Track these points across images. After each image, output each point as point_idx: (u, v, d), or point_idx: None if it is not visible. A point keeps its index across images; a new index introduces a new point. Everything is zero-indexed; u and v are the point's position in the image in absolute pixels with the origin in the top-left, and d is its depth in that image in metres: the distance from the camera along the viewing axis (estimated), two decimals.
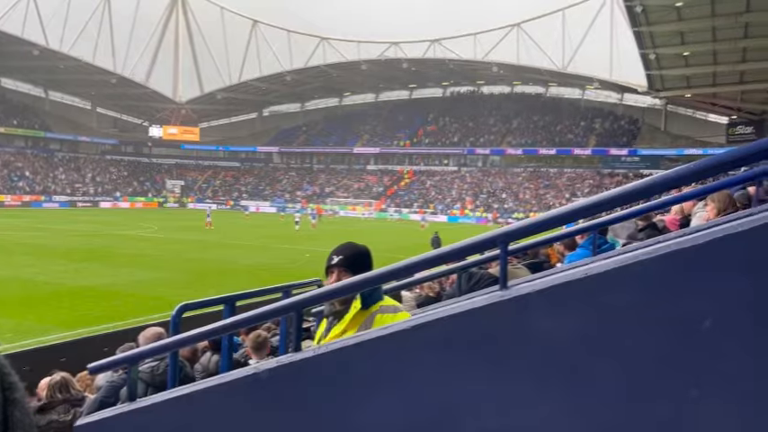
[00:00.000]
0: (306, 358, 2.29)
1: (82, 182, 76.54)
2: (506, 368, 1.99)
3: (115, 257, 26.88)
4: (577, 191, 66.59)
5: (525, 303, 1.99)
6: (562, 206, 16.95)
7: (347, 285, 2.41)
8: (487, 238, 2.24)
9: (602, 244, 4.82)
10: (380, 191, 75.92)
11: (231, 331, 2.71)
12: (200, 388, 2.59)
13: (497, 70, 71.41)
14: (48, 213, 56.77)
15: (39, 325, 14.96)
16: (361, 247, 2.83)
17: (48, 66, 72.29)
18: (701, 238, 1.78)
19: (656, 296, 1.82)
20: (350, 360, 2.22)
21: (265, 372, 2.36)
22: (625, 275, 1.87)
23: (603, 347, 1.87)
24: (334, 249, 2.79)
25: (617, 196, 2.14)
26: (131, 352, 3.22)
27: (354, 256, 2.76)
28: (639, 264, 1.86)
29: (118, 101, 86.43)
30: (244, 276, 22.15)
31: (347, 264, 2.71)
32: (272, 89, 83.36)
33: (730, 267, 1.73)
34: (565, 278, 1.96)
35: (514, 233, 2.24)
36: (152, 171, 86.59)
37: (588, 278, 1.90)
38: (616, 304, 1.88)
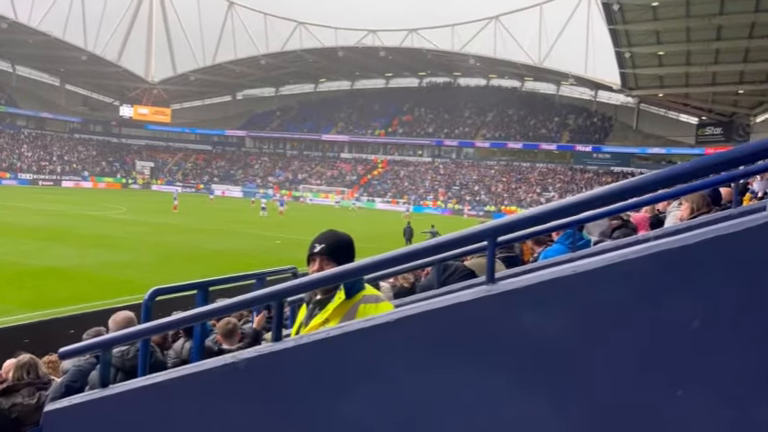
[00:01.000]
0: (286, 348, 2.25)
1: (48, 160, 74.93)
2: (492, 363, 1.97)
3: (81, 238, 26.40)
4: (549, 186, 67.25)
5: (512, 299, 1.97)
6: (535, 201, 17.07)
7: (336, 274, 2.37)
8: (475, 232, 2.21)
9: (578, 240, 4.85)
10: (354, 179, 75.76)
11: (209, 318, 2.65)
12: (177, 375, 2.53)
13: (474, 62, 71.55)
14: (8, 191, 55.48)
15: (1, 305, 14.64)
16: (344, 236, 2.79)
17: (16, 39, 70.39)
18: (691, 239, 1.77)
19: (644, 295, 1.82)
20: (332, 351, 2.19)
21: (244, 361, 2.32)
22: (613, 274, 1.87)
23: (590, 345, 1.86)
24: (317, 237, 2.75)
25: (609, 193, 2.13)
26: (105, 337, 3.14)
27: (336, 244, 2.72)
28: (628, 263, 1.86)
29: (88, 78, 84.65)
30: (213, 261, 21.94)
31: (329, 252, 2.67)
32: (246, 72, 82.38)
33: (720, 268, 1.73)
34: (553, 275, 1.95)
35: (503, 228, 2.22)
36: (121, 151, 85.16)
37: (576, 275, 1.89)
38: (604, 302, 1.87)
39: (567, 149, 69.98)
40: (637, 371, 1.79)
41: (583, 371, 1.84)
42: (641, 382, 1.78)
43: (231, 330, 5.42)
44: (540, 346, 1.90)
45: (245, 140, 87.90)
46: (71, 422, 2.85)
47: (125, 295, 14.37)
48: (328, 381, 2.17)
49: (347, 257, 2.66)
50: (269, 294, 2.46)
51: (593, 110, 74.47)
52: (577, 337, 1.87)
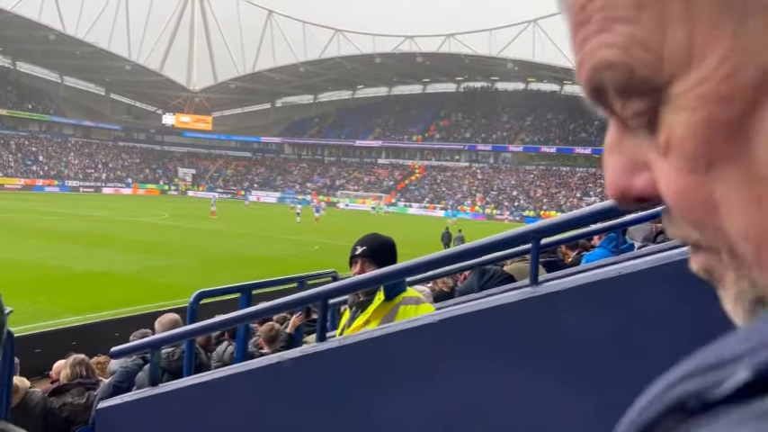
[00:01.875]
0: (330, 348, 2.28)
1: (94, 167, 76.91)
2: (535, 363, 1.97)
3: (125, 243, 26.99)
4: (590, 190, 66.30)
5: (556, 300, 1.97)
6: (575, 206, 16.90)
7: (376, 276, 2.40)
8: (519, 234, 2.22)
9: (622, 244, 4.79)
10: (391, 185, 75.88)
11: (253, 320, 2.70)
12: (224, 375, 2.59)
13: (512, 66, 71.10)
14: (53, 198, 57.10)
15: (50, 308, 15.06)
16: (386, 239, 2.83)
17: (63, 51, 72.64)
18: None
19: (689, 297, 1.80)
20: (375, 351, 2.21)
21: (289, 361, 2.36)
22: (658, 275, 1.85)
23: (635, 346, 1.85)
24: (359, 240, 2.78)
25: None
26: (154, 337, 3.23)
27: (378, 247, 2.76)
28: (672, 264, 1.84)
29: (132, 88, 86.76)
30: (254, 266, 22.19)
31: (371, 254, 2.70)
32: (285, 80, 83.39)
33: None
34: (597, 276, 1.94)
35: (545, 229, 2.22)
36: (164, 159, 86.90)
37: (622, 277, 1.88)
38: (648, 304, 1.86)
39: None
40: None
41: (626, 371, 1.83)
42: None
43: (274, 336, 5.49)
44: (583, 346, 1.90)
45: (284, 147, 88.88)
46: (122, 419, 2.93)
47: (169, 299, 14.64)
48: (372, 380, 2.19)
49: (389, 260, 2.69)
50: (314, 295, 2.50)
51: None
52: (621, 338, 1.86)
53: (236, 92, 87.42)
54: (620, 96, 0.28)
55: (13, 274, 18.72)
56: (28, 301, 15.59)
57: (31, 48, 72.17)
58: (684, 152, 0.26)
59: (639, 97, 0.28)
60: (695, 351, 1.80)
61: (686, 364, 0.25)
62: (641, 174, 0.29)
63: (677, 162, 0.27)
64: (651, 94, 0.27)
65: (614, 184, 0.29)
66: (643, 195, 0.29)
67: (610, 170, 0.30)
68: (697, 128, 0.26)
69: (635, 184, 0.29)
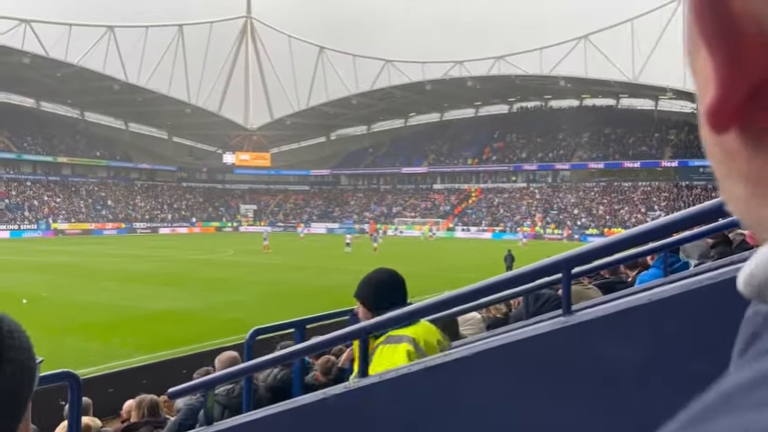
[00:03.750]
0: (372, 384, 2.35)
1: (160, 208, 79.66)
2: (570, 395, 1.99)
3: (191, 281, 27.78)
4: (654, 204, 64.46)
5: (589, 329, 1.99)
6: (640, 221, 16.49)
7: (410, 311, 2.45)
8: (550, 263, 2.25)
9: (673, 263, 4.70)
10: (447, 209, 75.69)
11: (301, 357, 2.80)
12: (273, 412, 2.68)
13: (564, 84, 70.34)
14: (120, 240, 59.21)
15: (122, 348, 15.62)
16: (373, 275, 2.84)
17: (127, 99, 76.07)
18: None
19: (722, 321, 1.79)
20: (413, 385, 2.27)
21: (333, 397, 2.44)
22: (689, 300, 1.85)
23: (668, 374, 1.85)
24: None
25: (683, 218, 2.12)
26: (207, 377, 3.36)
27: (362, 285, 2.81)
28: (705, 288, 1.84)
29: (192, 130, 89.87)
30: (314, 298, 22.45)
31: (359, 295, 2.77)
32: (338, 113, 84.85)
33: None
34: (629, 304, 1.95)
35: (577, 258, 2.24)
36: (226, 196, 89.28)
37: (652, 303, 1.89)
38: (680, 330, 1.86)
39: (676, 165, 66.78)
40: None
41: (661, 400, 1.83)
42: None
43: (329, 368, 5.61)
44: (618, 375, 1.90)
45: (341, 178, 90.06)
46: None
47: (233, 335, 14.96)
48: (411, 414, 2.25)
49: (373, 295, 2.72)
50: (353, 332, 2.58)
51: (695, 122, 70.55)
52: (656, 365, 1.86)
53: (291, 127, 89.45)
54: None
55: (88, 315, 19.54)
56: (101, 341, 16.23)
57: (96, 98, 75.83)
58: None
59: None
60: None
61: (728, 384, 0.25)
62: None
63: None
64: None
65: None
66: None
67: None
68: None
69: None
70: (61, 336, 16.44)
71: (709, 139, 0.30)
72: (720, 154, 0.30)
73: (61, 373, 2.60)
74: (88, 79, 69.73)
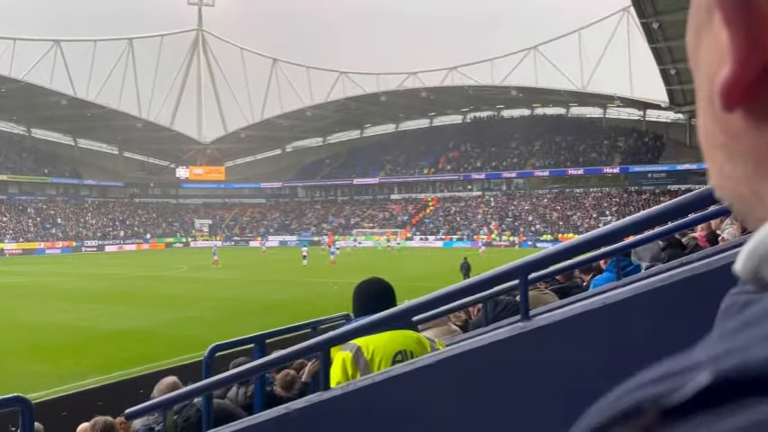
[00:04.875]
0: (334, 396, 2.34)
1: (112, 225, 77.86)
2: (530, 399, 2.01)
3: (145, 299, 27.20)
4: (605, 210, 65.94)
5: (547, 334, 2.02)
6: (591, 226, 16.84)
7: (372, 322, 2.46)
8: (507, 270, 2.28)
9: (626, 266, 4.82)
10: (405, 219, 75.99)
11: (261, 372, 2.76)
12: (235, 429, 2.64)
13: (516, 93, 71.59)
14: (70, 259, 57.65)
15: (75, 369, 15.16)
16: (356, 285, 2.94)
17: (76, 114, 74.29)
18: (716, 263, 1.80)
19: (673, 322, 1.84)
20: (376, 397, 2.27)
21: (296, 411, 2.42)
22: (642, 302, 1.90)
23: (624, 375, 1.88)
24: None
25: (634, 222, 2.18)
26: (165, 396, 3.30)
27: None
28: (656, 291, 1.89)
29: (144, 144, 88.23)
30: (273, 312, 22.24)
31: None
32: (294, 125, 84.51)
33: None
34: (584, 308, 2.00)
35: (533, 264, 2.28)
36: (180, 211, 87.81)
37: (606, 307, 1.93)
38: (635, 332, 1.90)
39: (625, 171, 68.51)
40: None
41: None
42: None
43: (290, 382, 5.56)
44: (575, 378, 1.94)
45: (298, 190, 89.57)
46: None
47: (190, 352, 14.69)
48: (374, 426, 2.24)
49: (354, 306, 2.82)
50: (314, 345, 2.57)
51: (643, 129, 73.16)
52: (611, 368, 1.90)
53: (246, 140, 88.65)
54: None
55: (39, 336, 18.93)
56: (53, 364, 15.72)
57: (44, 114, 73.89)
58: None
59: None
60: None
61: (646, 372, 0.27)
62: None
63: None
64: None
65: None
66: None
67: None
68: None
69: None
70: (10, 359, 15.89)
71: (710, 124, 0.31)
72: (722, 136, 0.31)
73: (11, 398, 2.51)
74: (34, 95, 67.88)
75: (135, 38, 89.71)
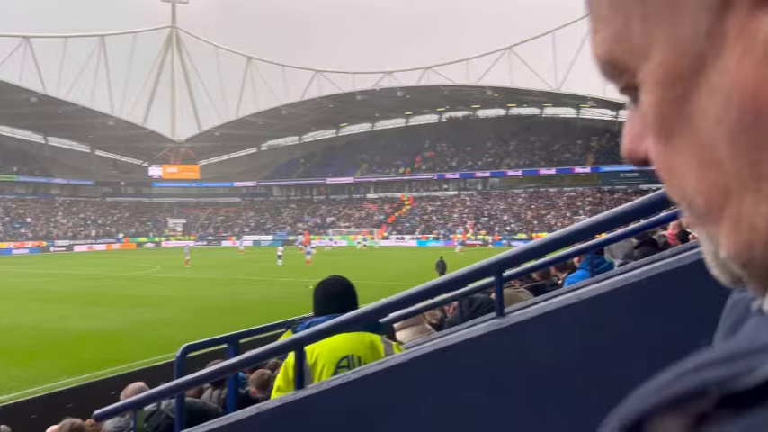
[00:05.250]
0: (308, 396, 2.31)
1: (83, 225, 76.67)
2: (506, 395, 2.00)
3: (116, 299, 26.83)
4: (579, 209, 66.65)
5: (522, 330, 2.01)
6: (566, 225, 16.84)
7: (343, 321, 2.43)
8: (482, 267, 2.27)
9: (599, 264, 4.85)
10: (381, 219, 76.01)
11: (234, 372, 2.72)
12: (208, 429, 2.60)
13: (491, 94, 72.00)
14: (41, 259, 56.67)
15: (45, 372, 14.88)
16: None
17: (46, 112, 72.96)
18: (689, 258, 1.81)
19: (647, 317, 1.85)
20: (350, 396, 2.24)
21: (268, 411, 2.38)
22: (616, 298, 1.90)
23: (599, 370, 1.89)
24: None
25: (608, 219, 2.18)
26: (135, 397, 3.23)
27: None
28: (630, 286, 1.89)
29: (117, 143, 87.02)
30: (246, 312, 22.08)
31: None
32: (269, 123, 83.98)
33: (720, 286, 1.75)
34: (559, 304, 1.99)
35: (507, 261, 2.27)
36: (153, 211, 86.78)
37: (581, 302, 1.93)
38: (609, 327, 1.90)
39: (598, 171, 69.32)
40: None
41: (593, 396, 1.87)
42: None
43: (266, 381, 5.49)
44: (551, 373, 1.93)
45: (273, 189, 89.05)
46: None
47: (162, 353, 14.52)
48: (348, 425, 2.21)
49: (313, 306, 2.82)
50: (288, 344, 2.54)
51: (615, 130, 74.07)
52: (587, 363, 1.90)
53: (220, 139, 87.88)
54: (616, 79, 0.35)
55: (6, 339, 18.54)
56: (21, 366, 15.42)
57: (13, 111, 72.47)
58: (651, 127, 0.33)
59: (627, 80, 0.34)
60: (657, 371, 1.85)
61: (703, 353, 0.24)
62: (644, 140, 0.35)
63: (651, 135, 0.34)
64: (632, 79, 0.34)
65: (626, 148, 0.36)
66: (646, 159, 0.35)
67: (624, 135, 0.36)
68: (654, 107, 0.32)
69: (640, 149, 0.35)
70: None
71: (749, 123, 0.29)
72: (759, 135, 0.29)
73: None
74: (3, 91, 66.50)
75: (107, 34, 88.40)
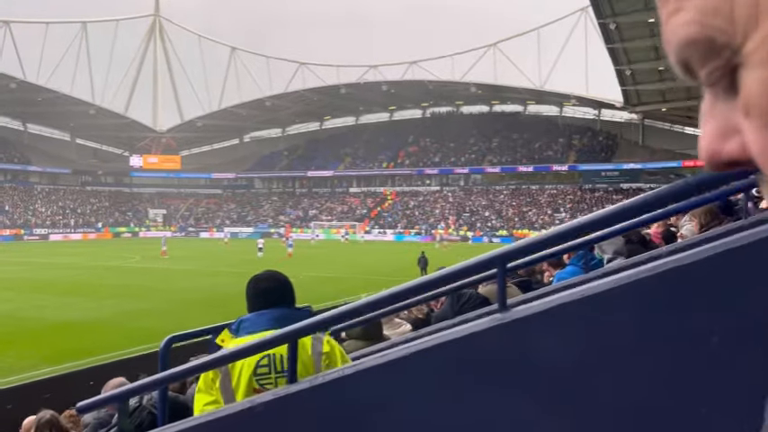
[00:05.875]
0: (301, 390, 2.24)
1: (62, 213, 75.70)
2: (508, 391, 1.95)
3: (95, 289, 26.53)
4: (559, 207, 67.07)
5: (525, 325, 1.96)
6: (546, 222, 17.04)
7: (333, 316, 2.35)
8: (485, 259, 2.21)
9: (590, 260, 4.83)
10: (364, 213, 75.94)
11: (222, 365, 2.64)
12: (196, 423, 2.52)
13: (475, 90, 72.14)
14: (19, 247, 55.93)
15: (21, 362, 14.66)
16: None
17: (25, 98, 71.80)
18: (702, 254, 1.76)
19: (656, 314, 1.80)
20: (347, 390, 2.17)
21: (261, 405, 2.31)
22: (624, 294, 1.85)
23: (605, 368, 1.84)
24: None
25: (611, 215, 2.13)
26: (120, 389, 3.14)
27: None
28: (638, 282, 1.84)
29: (97, 132, 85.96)
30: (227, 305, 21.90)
31: None
32: (252, 115, 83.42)
33: (734, 282, 1.71)
34: (564, 299, 1.94)
35: (512, 253, 2.22)
36: (134, 201, 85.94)
37: (587, 298, 1.88)
38: (616, 324, 1.86)
39: (579, 170, 69.78)
40: (655, 390, 1.76)
41: (600, 394, 1.82)
42: (661, 402, 1.75)
43: None
44: (555, 370, 1.88)
45: (255, 182, 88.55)
46: None
47: (142, 344, 14.36)
48: (344, 419, 2.15)
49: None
50: (280, 336, 2.46)
51: (597, 129, 74.62)
52: (592, 360, 1.85)
53: (203, 129, 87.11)
54: (705, 65, 0.29)
55: None
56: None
57: None
58: (761, 109, 0.28)
59: (721, 63, 0.29)
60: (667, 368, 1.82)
61: None
62: (732, 138, 0.30)
63: (757, 120, 0.28)
64: (731, 58, 0.29)
65: (706, 149, 0.31)
66: (732, 159, 0.30)
67: (703, 136, 0.31)
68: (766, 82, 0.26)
69: (725, 149, 0.30)
70: None
71: None
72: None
73: None
74: None
75: (89, 21, 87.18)
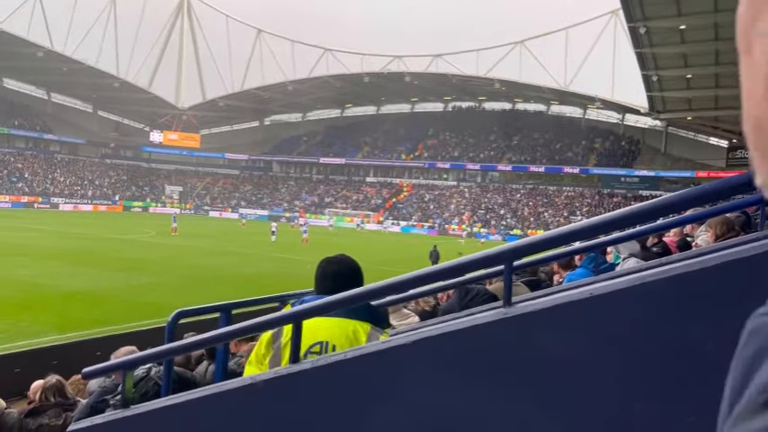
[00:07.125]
0: (303, 370, 2.26)
1: (81, 184, 76.44)
2: (507, 385, 1.96)
3: (108, 261, 26.79)
4: (576, 210, 66.64)
5: (529, 321, 1.96)
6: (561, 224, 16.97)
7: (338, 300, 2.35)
8: (493, 254, 2.22)
9: (600, 263, 4.81)
10: (379, 203, 75.95)
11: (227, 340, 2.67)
12: (198, 396, 2.55)
13: (499, 87, 71.65)
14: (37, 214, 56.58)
15: (32, 327, 14.87)
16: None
17: (51, 68, 72.43)
18: (710, 261, 1.76)
19: (660, 318, 1.80)
20: (347, 373, 2.20)
21: (262, 382, 2.33)
22: (629, 296, 1.85)
23: (606, 368, 1.84)
24: None
25: (622, 217, 2.12)
26: (126, 358, 3.18)
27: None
28: (644, 285, 1.84)
29: (120, 105, 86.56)
30: (236, 285, 22.07)
31: None
32: (274, 98, 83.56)
33: (739, 291, 1.70)
34: (569, 298, 1.94)
35: (520, 250, 2.22)
36: (151, 176, 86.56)
37: (593, 298, 1.88)
38: (620, 325, 1.86)
39: (599, 173, 69.25)
40: (653, 393, 1.77)
41: (598, 393, 1.83)
42: (658, 405, 1.75)
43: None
44: (556, 367, 1.89)
45: (273, 165, 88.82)
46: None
47: (151, 318, 14.51)
48: (345, 402, 2.17)
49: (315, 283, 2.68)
50: (286, 316, 2.48)
51: (620, 133, 73.91)
52: (594, 360, 1.86)
53: (224, 109, 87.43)
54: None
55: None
56: (11, 320, 15.39)
57: (18, 64, 71.94)
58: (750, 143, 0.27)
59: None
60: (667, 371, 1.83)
61: None
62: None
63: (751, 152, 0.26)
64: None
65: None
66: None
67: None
68: None
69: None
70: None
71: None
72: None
73: None
74: (9, 44, 65.93)
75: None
